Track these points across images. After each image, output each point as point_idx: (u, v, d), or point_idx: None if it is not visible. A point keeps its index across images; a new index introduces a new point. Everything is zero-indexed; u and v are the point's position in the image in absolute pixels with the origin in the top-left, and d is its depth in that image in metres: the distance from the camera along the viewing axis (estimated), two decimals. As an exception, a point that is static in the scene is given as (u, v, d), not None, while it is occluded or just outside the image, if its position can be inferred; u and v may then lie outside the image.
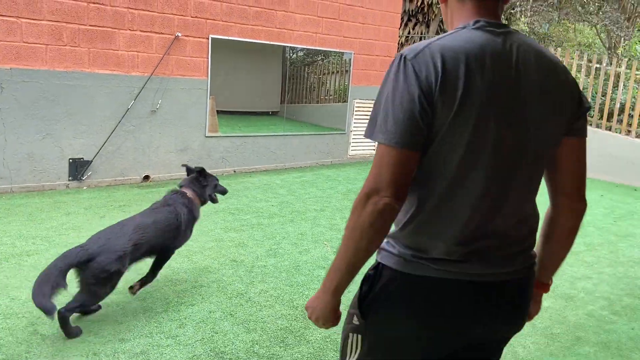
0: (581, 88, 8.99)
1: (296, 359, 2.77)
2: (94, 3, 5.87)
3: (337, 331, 3.06)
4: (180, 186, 3.58)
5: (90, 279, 2.79)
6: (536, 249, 1.45)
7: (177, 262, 3.99)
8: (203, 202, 3.62)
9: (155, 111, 6.52)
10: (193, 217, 3.48)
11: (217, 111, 7.24)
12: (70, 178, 6.00)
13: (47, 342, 2.79)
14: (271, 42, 7.36)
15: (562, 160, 1.36)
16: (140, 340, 2.86)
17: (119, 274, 2.92)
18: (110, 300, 3.29)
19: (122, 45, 6.14)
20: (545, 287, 1.55)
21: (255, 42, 7.21)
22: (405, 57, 1.20)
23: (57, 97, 5.79)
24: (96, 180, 6.21)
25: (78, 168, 6.01)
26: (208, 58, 6.84)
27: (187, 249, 4.27)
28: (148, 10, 6.25)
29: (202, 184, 3.61)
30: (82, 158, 6.05)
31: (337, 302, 1.34)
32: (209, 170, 3.80)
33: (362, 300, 1.37)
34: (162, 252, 3.32)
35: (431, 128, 1.19)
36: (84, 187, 6.09)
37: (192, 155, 6.94)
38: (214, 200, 3.74)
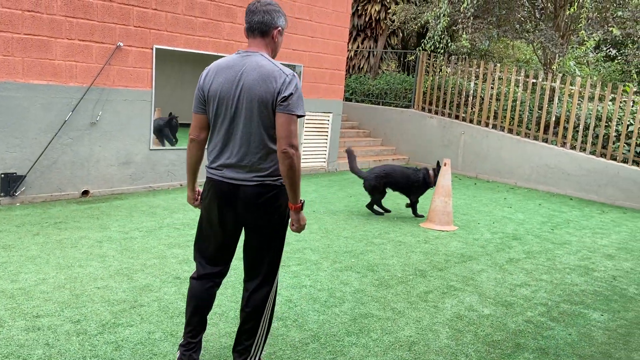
0: (519, 102, 9.33)
1: (239, 378, 2.69)
2: (29, 11, 5.60)
3: (281, 348, 3.01)
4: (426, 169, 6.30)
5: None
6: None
7: (116, 280, 3.81)
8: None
9: (95, 123, 6.28)
10: (426, 184, 6.24)
11: (163, 123, 7.05)
12: (2, 194, 5.65)
13: (-34, 372, 2.58)
14: (218, 54, 7.27)
15: (277, 124, 2.33)
16: (72, 366, 2.69)
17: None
18: (41, 323, 3.09)
19: (59, 54, 5.88)
20: (291, 206, 2.44)
21: (202, 54, 7.10)
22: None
23: (-13, 108, 5.46)
24: (30, 196, 5.88)
25: (10, 183, 5.67)
26: (152, 69, 6.67)
27: (127, 266, 4.10)
28: (87, 19, 6.03)
29: (435, 172, 6.20)
30: (15, 173, 5.72)
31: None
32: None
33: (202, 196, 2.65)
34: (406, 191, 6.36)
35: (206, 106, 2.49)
36: (17, 204, 5.75)
37: (135, 168, 6.71)
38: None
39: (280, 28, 2.46)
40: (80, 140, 6.19)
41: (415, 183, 6.24)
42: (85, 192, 6.31)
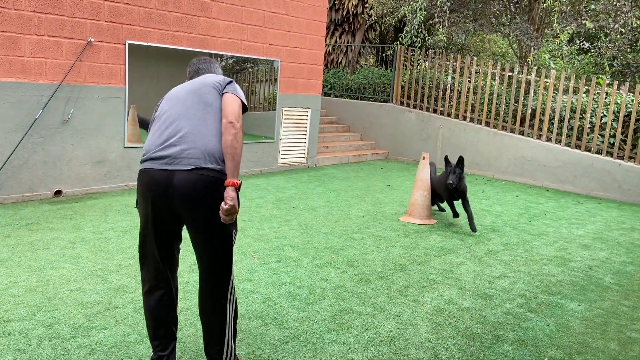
0: (495, 95, 9.37)
1: (218, 379, 2.64)
2: (-6, 5, 5.41)
3: (260, 347, 2.97)
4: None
5: None
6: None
7: (89, 282, 3.72)
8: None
9: (67, 121, 6.11)
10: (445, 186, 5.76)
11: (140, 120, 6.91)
12: (-30, 195, 5.47)
13: None
14: (194, 49, 7.15)
15: (223, 103, 2.44)
16: (44, 372, 2.60)
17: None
18: (11, 328, 2.99)
19: (27, 51, 5.71)
20: (229, 182, 2.30)
21: (178, 49, 6.97)
22: None
23: (-48, 106, 5.27)
24: (1, 197, 5.70)
25: (-21, 184, 5.49)
26: (125, 65, 6.52)
27: (101, 267, 4.00)
28: (57, 14, 5.86)
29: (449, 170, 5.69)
30: (-16, 173, 5.54)
31: None
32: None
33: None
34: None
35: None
36: (-13, 205, 5.57)
37: (110, 167, 6.57)
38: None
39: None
40: (52, 139, 6.03)
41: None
42: (58, 192, 6.15)
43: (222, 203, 2.31)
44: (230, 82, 2.54)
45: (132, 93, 6.67)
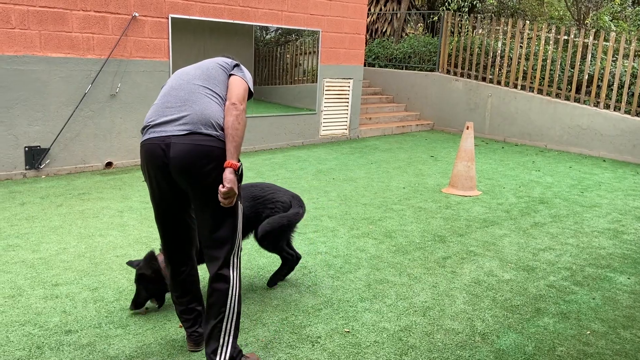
0: (549, 60, 8.85)
1: (251, 342, 2.70)
2: (42, -17, 5.60)
3: (293, 313, 3.00)
4: None
5: None
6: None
7: (134, 249, 3.87)
8: None
9: (115, 95, 6.31)
10: None
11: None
12: (27, 167, 5.78)
13: (-13, 337, 2.66)
14: (234, 21, 7.15)
15: (229, 85, 2.39)
16: (88, 332, 2.75)
17: None
18: (59, 291, 3.17)
19: (75, 26, 5.89)
20: (228, 163, 2.20)
21: (219, 22, 6.99)
22: None
23: (8, 83, 5.54)
24: (55, 168, 6.00)
25: (35, 156, 5.79)
26: (169, 39, 6.62)
27: (146, 235, 4.15)
28: (101, -10, 6.00)
29: None
30: (39, 146, 5.83)
31: None
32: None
33: None
34: None
35: None
36: (43, 176, 5.88)
37: (156, 139, 6.74)
38: None
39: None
40: (102, 113, 6.25)
41: None
42: (109, 164, 6.40)
43: (220, 185, 2.18)
44: (238, 65, 2.50)
45: (176, 67, 6.78)
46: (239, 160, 2.23)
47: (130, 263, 2.99)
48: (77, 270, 3.49)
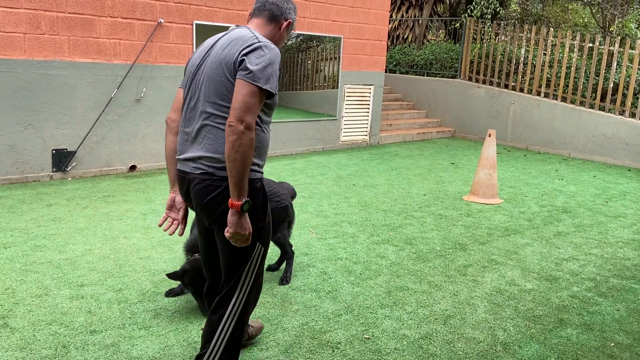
0: (573, 68, 8.73)
1: (272, 346, 2.72)
2: (72, -10, 5.74)
3: (314, 318, 3.02)
4: None
5: None
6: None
7: (157, 251, 3.93)
8: None
9: (140, 100, 6.43)
10: None
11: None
12: (54, 169, 5.92)
13: (15, 334, 2.74)
14: (257, 27, 7.23)
15: (235, 89, 1.96)
16: (112, 332, 2.80)
17: None
18: (84, 292, 3.24)
19: (103, 32, 6.02)
20: (229, 204, 1.95)
21: (240, 28, 7.07)
22: None
23: (37, 87, 5.69)
24: (81, 170, 6.14)
25: (62, 159, 5.93)
26: (193, 45, 6.72)
27: (169, 238, 4.22)
28: (129, -3, 6.13)
29: None
30: (66, 149, 5.97)
31: None
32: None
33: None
34: None
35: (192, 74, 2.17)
36: (69, 178, 6.02)
37: (179, 144, 6.85)
38: None
39: (291, 21, 2.24)
40: (126, 117, 6.37)
41: None
42: (133, 167, 6.52)
43: (225, 230, 2.01)
44: (249, 53, 1.97)
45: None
46: (241, 196, 1.94)
47: (170, 275, 2.91)
48: (102, 271, 3.56)
